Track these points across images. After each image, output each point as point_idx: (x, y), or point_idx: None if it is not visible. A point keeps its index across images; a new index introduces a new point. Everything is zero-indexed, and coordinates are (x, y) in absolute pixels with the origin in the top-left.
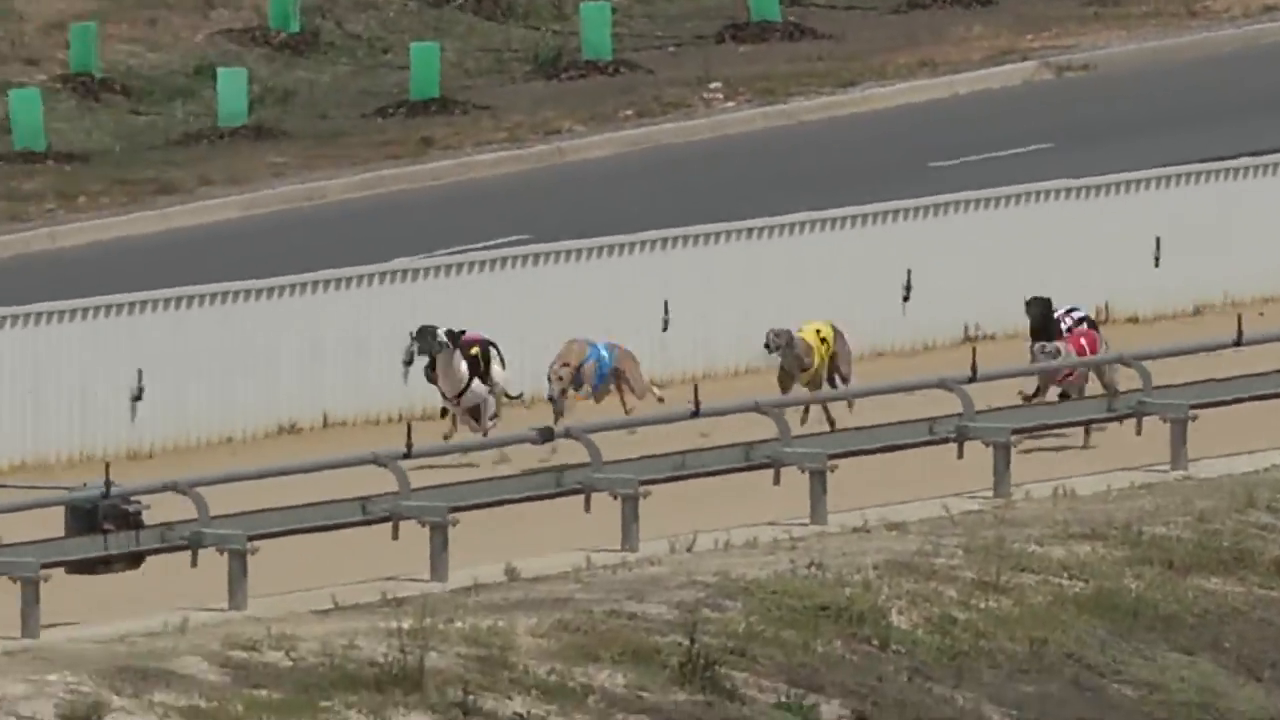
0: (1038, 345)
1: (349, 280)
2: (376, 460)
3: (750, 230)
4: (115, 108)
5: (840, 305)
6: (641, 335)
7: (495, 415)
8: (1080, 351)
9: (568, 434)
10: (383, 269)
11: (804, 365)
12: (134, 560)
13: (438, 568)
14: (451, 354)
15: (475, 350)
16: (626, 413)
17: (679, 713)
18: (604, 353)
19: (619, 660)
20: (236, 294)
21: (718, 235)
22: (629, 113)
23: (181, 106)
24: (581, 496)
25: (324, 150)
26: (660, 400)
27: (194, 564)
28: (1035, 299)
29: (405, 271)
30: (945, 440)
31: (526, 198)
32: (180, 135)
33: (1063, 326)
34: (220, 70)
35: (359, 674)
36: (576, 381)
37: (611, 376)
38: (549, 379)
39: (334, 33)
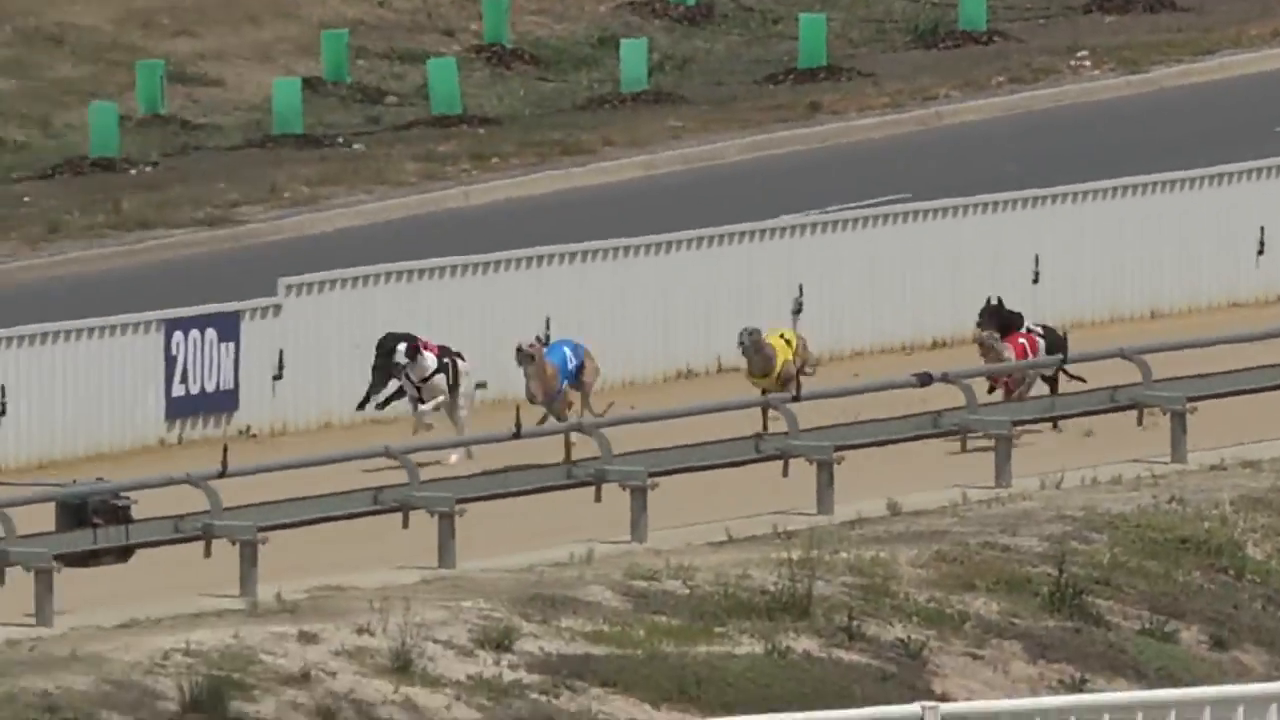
0: (986, 334)
1: (738, 235)
2: (768, 403)
3: (1114, 189)
4: (524, 75)
5: (1196, 258)
6: (1015, 288)
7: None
8: (1019, 351)
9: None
10: (769, 225)
11: (768, 370)
12: (124, 553)
13: (824, 502)
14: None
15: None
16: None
17: (1050, 638)
18: (568, 352)
19: (993, 589)
20: (635, 248)
21: (1086, 194)
22: (1001, 79)
23: (586, 74)
24: (958, 437)
25: (718, 114)
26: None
27: (598, 499)
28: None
29: (790, 228)
30: None
31: (905, 158)
32: (584, 100)
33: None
34: (623, 40)
35: (751, 601)
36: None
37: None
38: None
39: (728, 5)
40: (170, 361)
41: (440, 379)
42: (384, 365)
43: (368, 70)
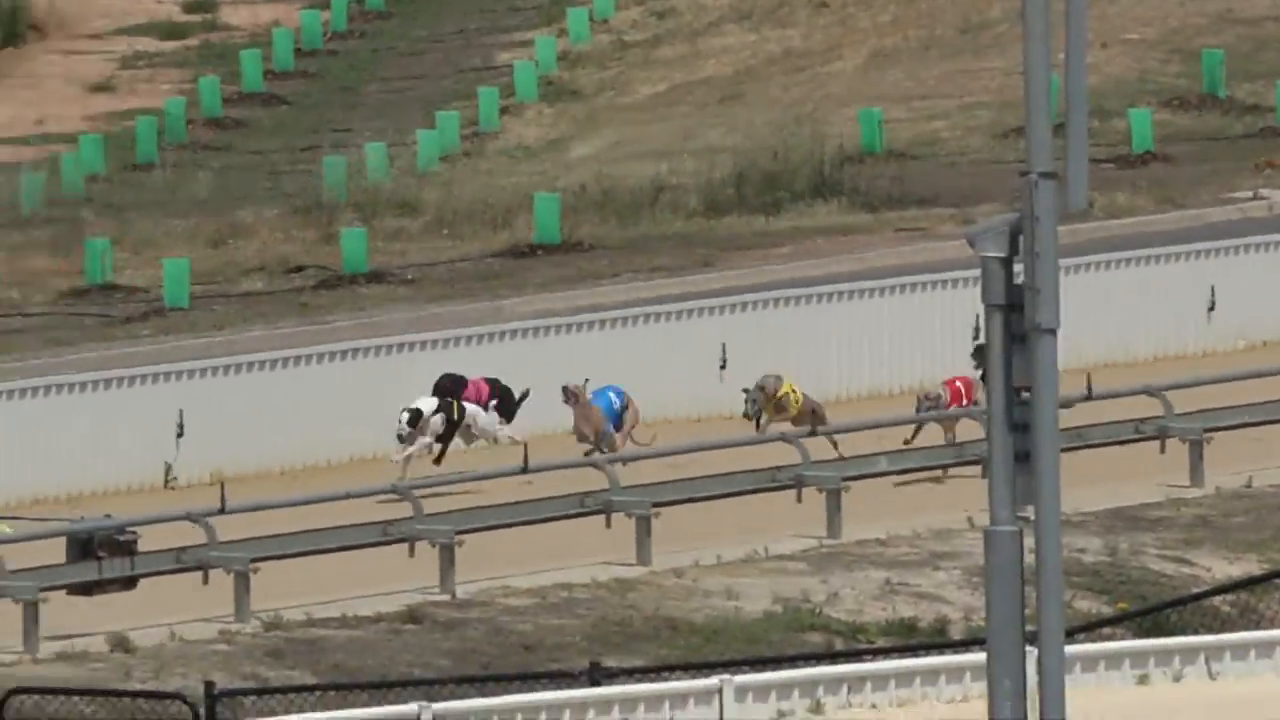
0: (922, 394)
1: None
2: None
3: None
4: None
5: None
6: None
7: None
8: (955, 394)
9: None
10: None
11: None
12: (130, 582)
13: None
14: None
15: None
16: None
17: None
18: (614, 397)
19: None
20: None
21: None
22: None
23: None
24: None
25: None
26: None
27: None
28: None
29: None
30: None
31: None
32: None
33: None
34: None
35: None
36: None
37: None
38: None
39: None
40: None
41: (438, 419)
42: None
43: None
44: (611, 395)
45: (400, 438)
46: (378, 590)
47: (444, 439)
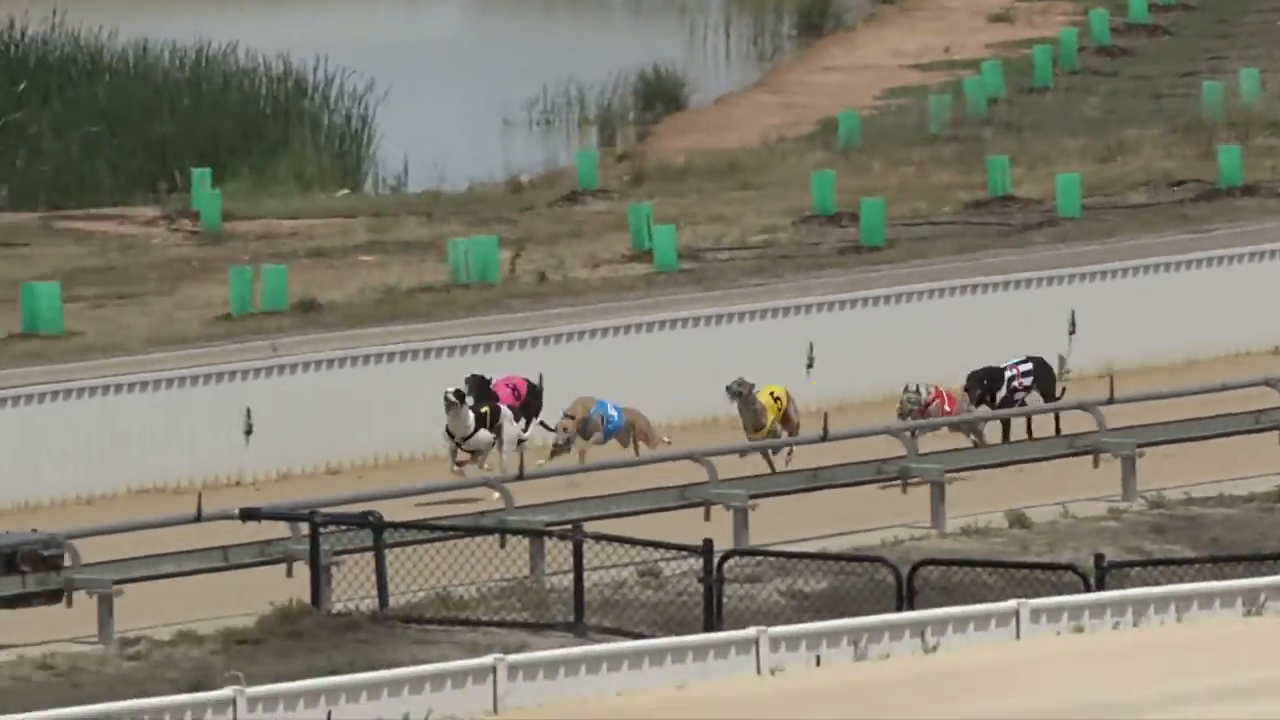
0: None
1: None
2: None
3: None
4: None
5: None
6: None
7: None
8: (937, 395)
9: None
10: None
11: (759, 425)
12: (55, 596)
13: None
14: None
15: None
16: (636, 453)
17: None
18: (612, 411)
19: None
20: None
21: None
22: None
23: None
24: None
25: None
26: (668, 443)
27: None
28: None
29: None
30: None
31: None
32: None
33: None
34: None
35: None
36: (585, 431)
37: (628, 430)
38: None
39: None
40: None
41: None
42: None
43: None
44: (609, 408)
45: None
46: (1252, 473)
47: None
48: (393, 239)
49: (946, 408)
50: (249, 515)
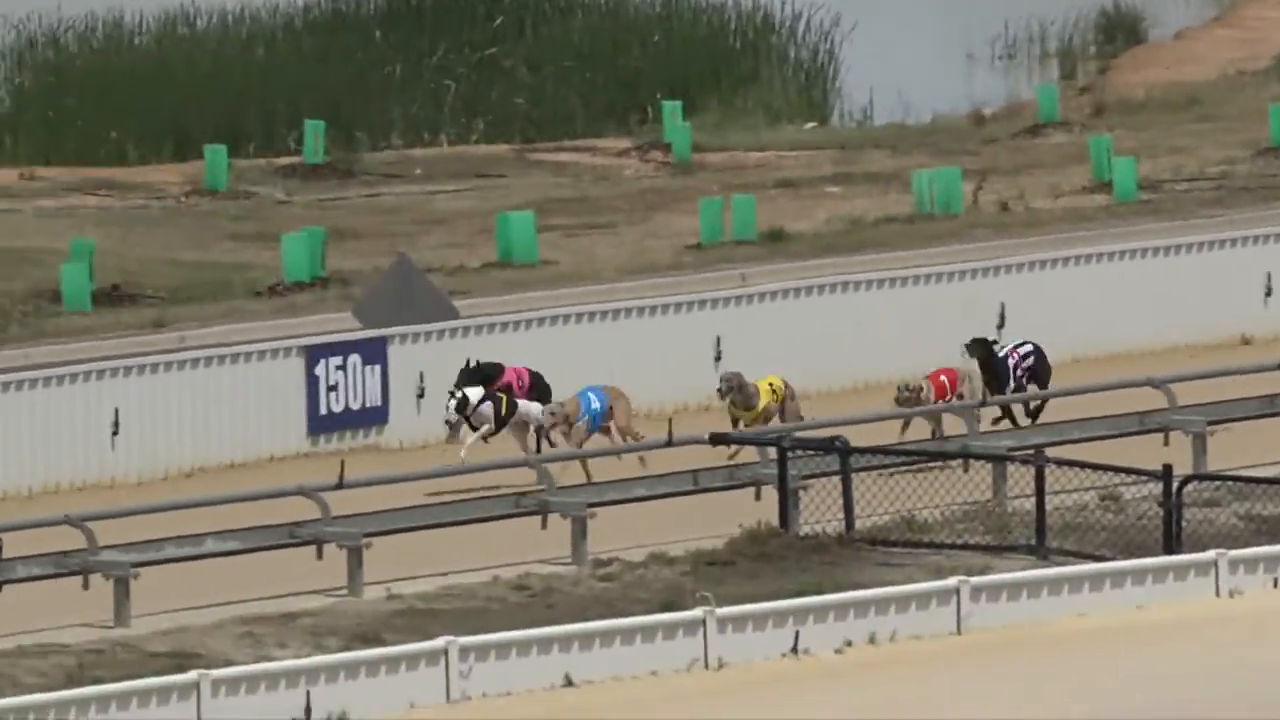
0: (902, 385)
1: None
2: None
3: None
4: None
5: None
6: None
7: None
8: (940, 388)
9: None
10: None
11: (750, 405)
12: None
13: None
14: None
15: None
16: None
17: None
18: (595, 404)
19: None
20: None
21: None
22: None
23: None
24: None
25: None
26: (639, 437)
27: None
28: (976, 340)
29: None
30: None
31: None
32: None
33: (1009, 363)
34: None
35: None
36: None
37: (608, 415)
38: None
39: None
40: None
41: (487, 407)
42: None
43: None
44: (591, 395)
45: (448, 424)
46: None
47: (495, 430)
48: (858, 170)
49: None
50: (718, 440)
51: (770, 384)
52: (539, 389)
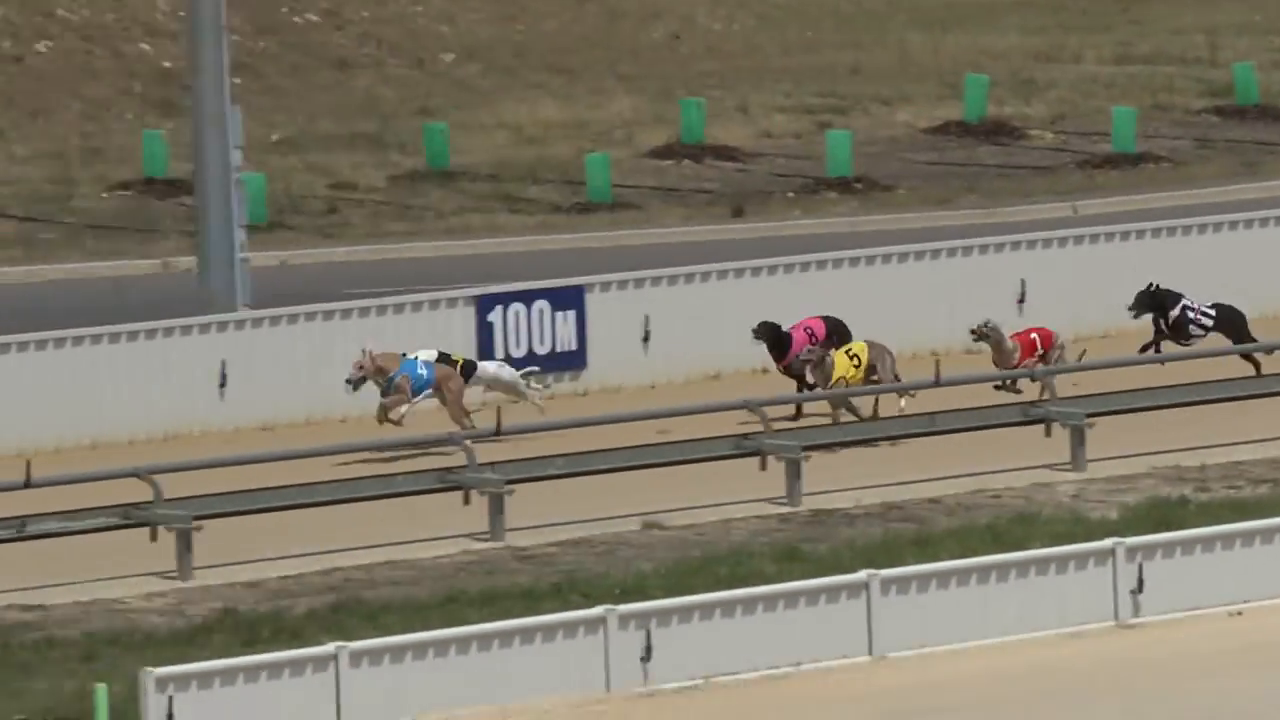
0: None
1: None
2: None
3: None
4: None
5: None
6: None
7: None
8: (1029, 346)
9: None
10: None
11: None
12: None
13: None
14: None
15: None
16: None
17: None
18: (422, 370)
19: None
20: None
21: None
22: None
23: None
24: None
25: None
26: (471, 426)
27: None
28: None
29: None
30: None
31: None
32: None
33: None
34: None
35: None
36: (386, 389)
37: (435, 391)
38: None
39: None
40: None
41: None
42: None
43: None
44: (420, 370)
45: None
46: None
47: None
48: None
49: None
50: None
51: (851, 352)
52: (838, 334)
